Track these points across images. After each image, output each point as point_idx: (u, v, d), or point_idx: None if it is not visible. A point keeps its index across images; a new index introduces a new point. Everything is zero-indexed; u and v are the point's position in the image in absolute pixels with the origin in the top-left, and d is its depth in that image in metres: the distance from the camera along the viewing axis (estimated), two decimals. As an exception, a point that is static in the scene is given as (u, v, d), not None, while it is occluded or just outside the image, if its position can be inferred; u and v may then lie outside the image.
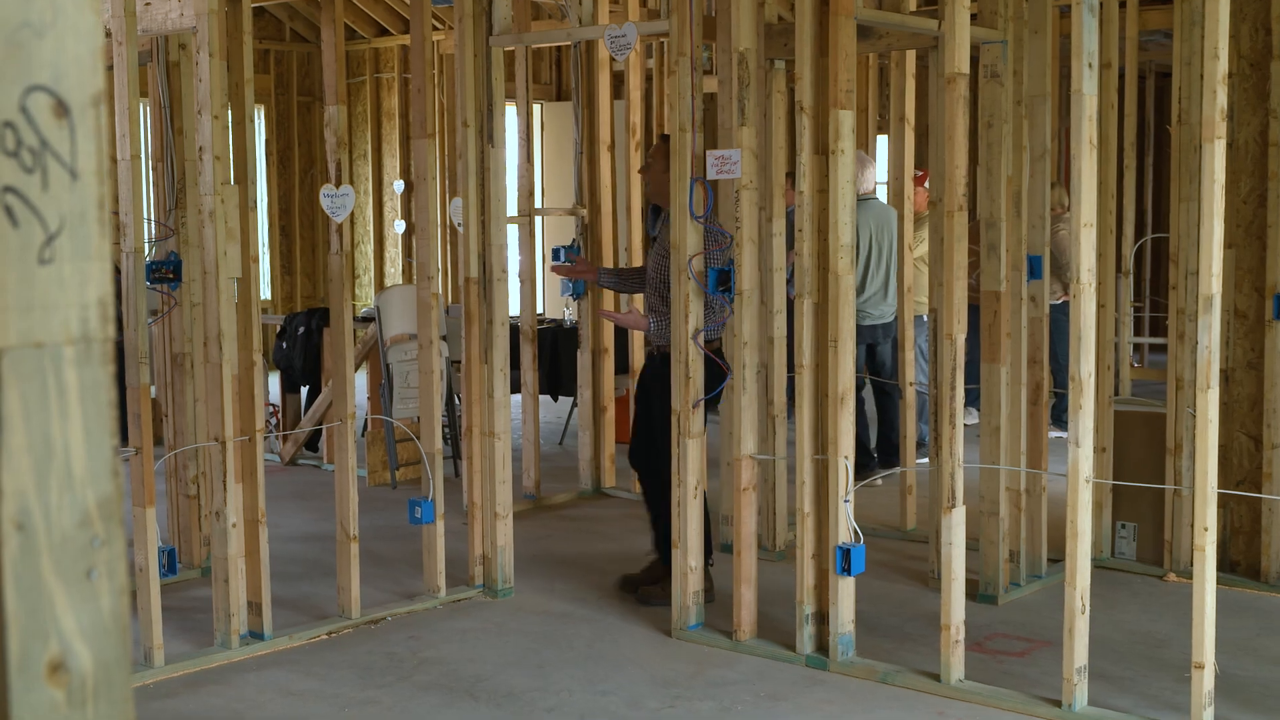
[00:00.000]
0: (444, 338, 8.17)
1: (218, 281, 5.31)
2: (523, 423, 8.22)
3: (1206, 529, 4.47)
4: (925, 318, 8.44)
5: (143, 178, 5.65)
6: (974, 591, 5.99)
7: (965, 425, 9.13)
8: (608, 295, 8.35)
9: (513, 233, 8.85)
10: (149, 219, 6.39)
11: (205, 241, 5.35)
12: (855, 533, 5.17)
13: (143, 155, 5.82)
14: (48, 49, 0.95)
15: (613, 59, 7.73)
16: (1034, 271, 6.19)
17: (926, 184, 8.44)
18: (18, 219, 0.95)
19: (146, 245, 6.19)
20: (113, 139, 5.37)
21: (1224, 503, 6.21)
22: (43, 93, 0.95)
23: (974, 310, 6.94)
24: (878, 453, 8.45)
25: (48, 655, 0.97)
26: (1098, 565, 6.40)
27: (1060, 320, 9.20)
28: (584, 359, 8.27)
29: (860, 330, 8.27)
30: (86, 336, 0.97)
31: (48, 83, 0.95)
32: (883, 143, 12.15)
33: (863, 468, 8.20)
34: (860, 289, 8.26)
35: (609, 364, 8.31)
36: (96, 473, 0.97)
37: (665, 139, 5.95)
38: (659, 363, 5.91)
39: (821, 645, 5.32)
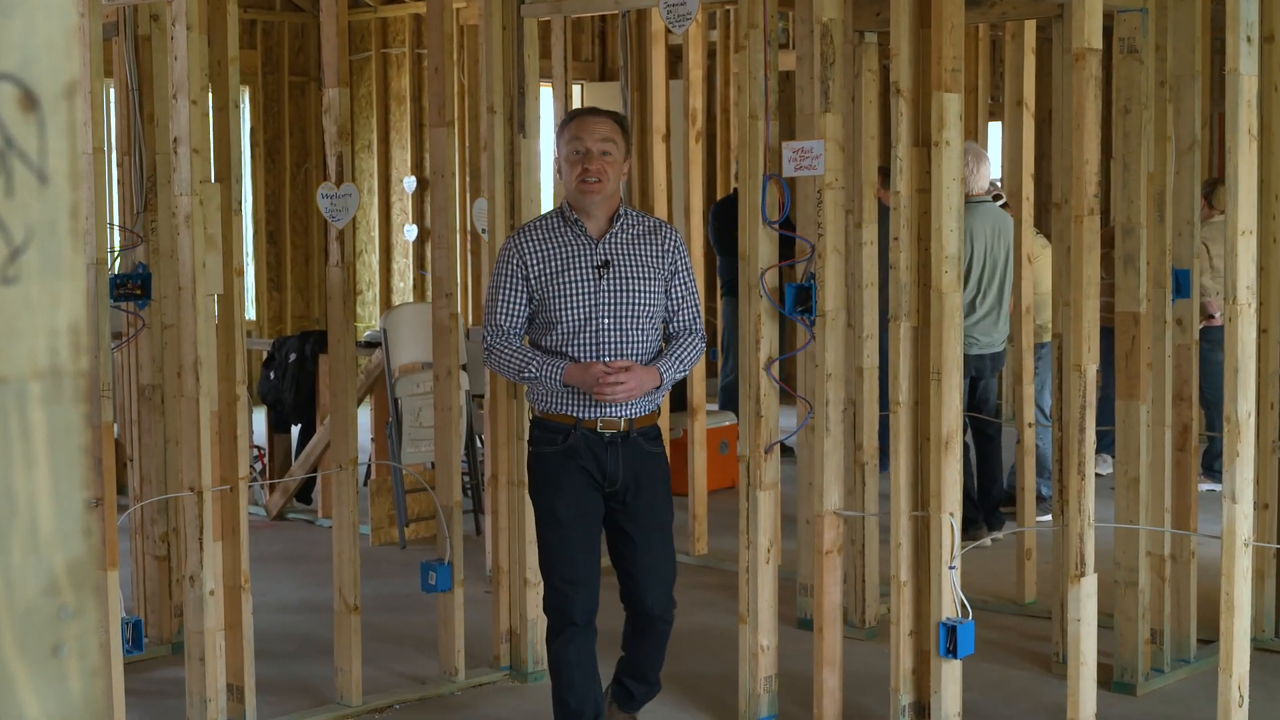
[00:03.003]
0: (464, 367, 8.21)
1: (194, 299, 5.36)
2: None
3: (1394, 604, 4.43)
4: (1040, 343, 8.40)
5: (106, 175, 5.72)
6: (1107, 678, 5.95)
7: (1097, 475, 9.07)
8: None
9: (547, 240, 8.89)
10: (113, 224, 6.46)
11: (180, 251, 5.40)
12: (962, 606, 5.15)
13: (106, 148, 5.89)
14: (15, 31, 0.96)
15: (669, 31, 7.76)
16: (1180, 289, 6.17)
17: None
18: (-23, 230, 0.96)
19: (110, 256, 6.25)
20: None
21: None
22: (8, 82, 0.97)
23: (1107, 335, 6.90)
24: (977, 508, 8.42)
25: (8, 747, 0.98)
26: (1258, 647, 6.34)
27: (1207, 349, 9.14)
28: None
29: (966, 360, 8.25)
30: (56, 369, 0.99)
31: (14, 70, 0.97)
32: (995, 131, 12.13)
33: (970, 524, 8.17)
34: (969, 311, 8.23)
35: (664, 400, 8.33)
36: (66, 531, 0.99)
37: None
38: (635, 442, 4.95)
39: (921, 742, 5.30)
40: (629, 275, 4.90)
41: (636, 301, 4.89)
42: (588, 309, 4.87)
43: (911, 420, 5.32)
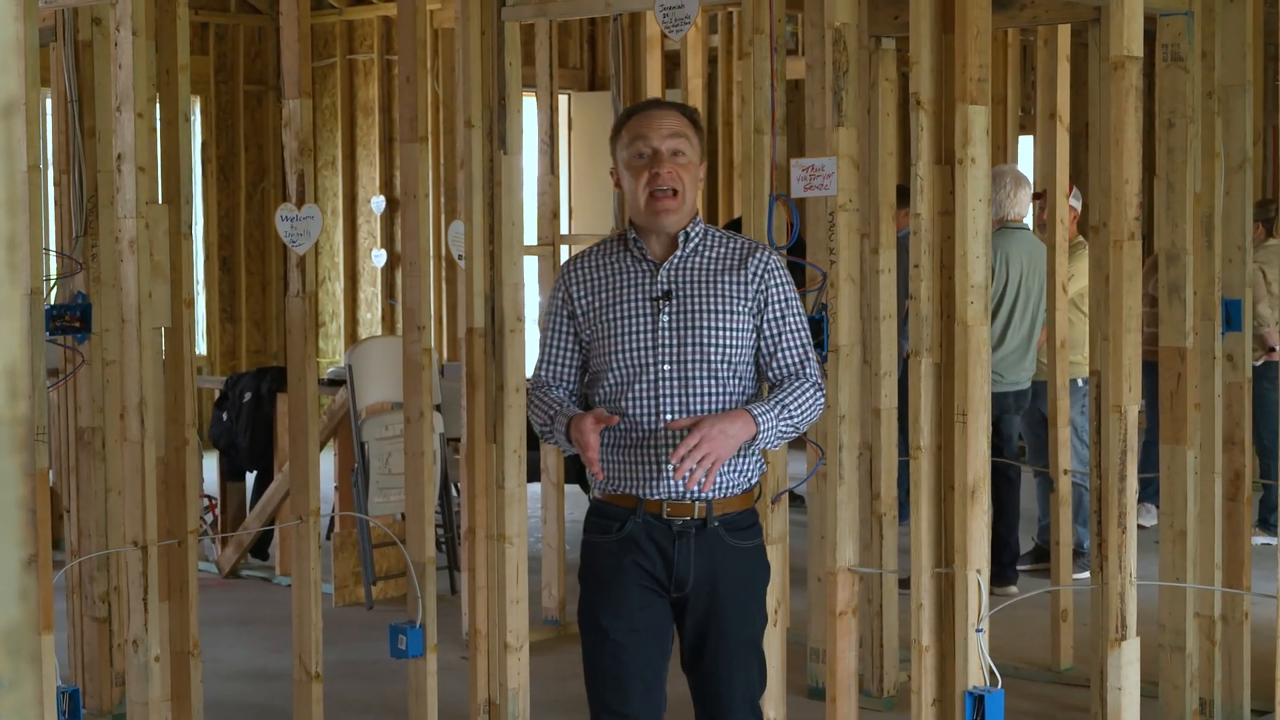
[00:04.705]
0: (438, 408, 8.21)
1: (139, 332, 5.37)
2: (543, 522, 8.23)
3: None
4: (1080, 382, 8.43)
5: (42, 195, 5.73)
6: (1152, 753, 5.95)
7: (1139, 528, 9.08)
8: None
9: (531, 267, 8.90)
10: (49, 250, 6.46)
11: (123, 279, 5.40)
12: (991, 673, 5.14)
13: (42, 166, 5.90)
14: (-54, 44, 0.97)
15: (665, 36, 7.79)
16: (1231, 321, 6.18)
17: (1072, 200, 8.47)
18: (-96, 263, 0.97)
19: (46, 285, 6.25)
20: None
21: None
22: (-61, 100, 0.97)
23: (1149, 370, 6.90)
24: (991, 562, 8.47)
25: (-65, 833, 0.98)
26: (1321, 719, 6.35)
27: (1266, 387, 9.15)
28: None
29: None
30: (-10, 415, 0.99)
31: (-54, 87, 0.97)
32: (1026, 146, 12.16)
33: (995, 577, 8.17)
34: (997, 343, 8.26)
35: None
36: (1, 594, 0.99)
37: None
38: (714, 534, 4.24)
39: (945, 825, 5.29)
40: (697, 309, 4.20)
41: (705, 343, 4.19)
42: (642, 352, 4.19)
43: (934, 467, 5.32)
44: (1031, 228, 8.60)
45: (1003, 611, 7.84)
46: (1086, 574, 8.10)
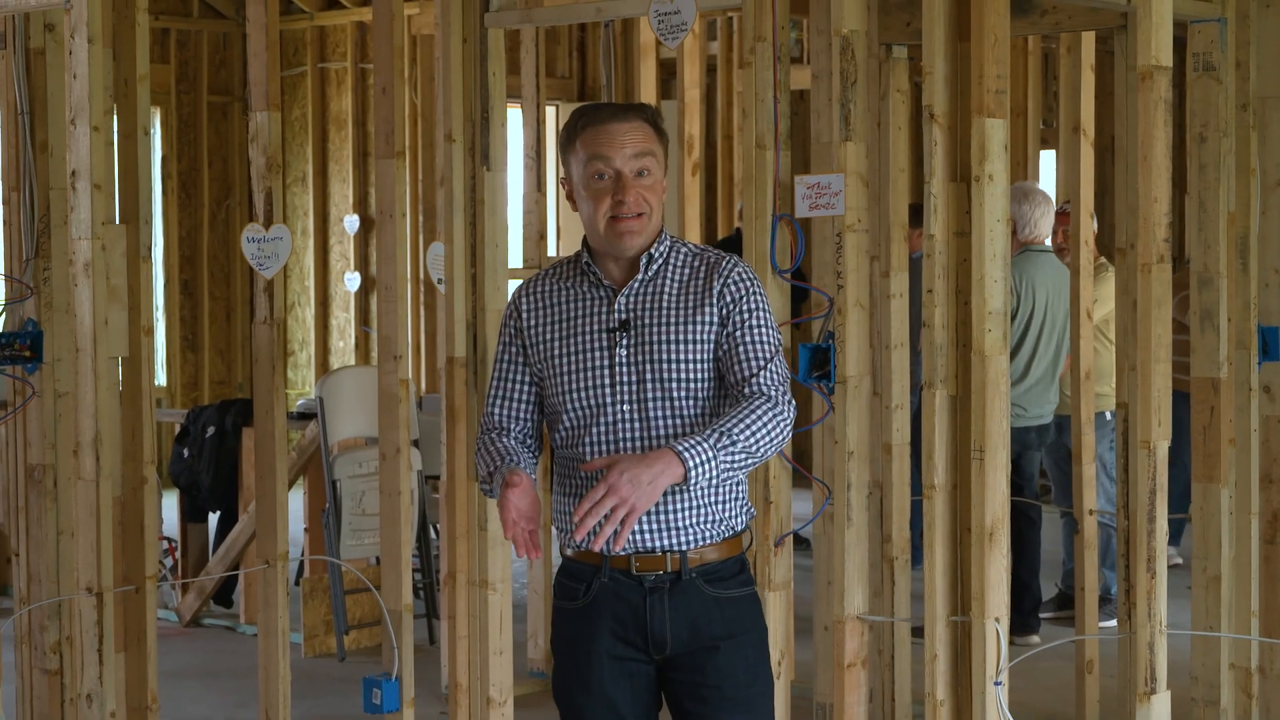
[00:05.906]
0: (415, 443, 8.19)
1: (94, 362, 5.36)
2: (528, 566, 8.22)
3: None
4: (1108, 415, 8.43)
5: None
6: (1185, 816, 5.94)
7: (1171, 567, 9.07)
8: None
9: (515, 292, 8.90)
10: (-3, 273, 6.46)
11: (77, 305, 5.40)
12: (1011, 729, 5.14)
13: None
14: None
15: (660, 44, 7.80)
16: (1268, 350, 6.18)
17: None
18: None
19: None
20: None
21: None
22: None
23: (1180, 402, 6.88)
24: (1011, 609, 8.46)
25: None
26: (1366, 778, 6.34)
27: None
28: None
29: (1011, 434, 8.28)
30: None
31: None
32: (1048, 161, 12.18)
33: (1018, 626, 8.17)
34: (1020, 375, 8.26)
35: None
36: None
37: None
38: (691, 586, 3.99)
39: None
40: (656, 340, 3.96)
41: (667, 378, 3.95)
42: (599, 391, 3.96)
43: (949, 507, 5.31)
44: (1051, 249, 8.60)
45: (1023, 663, 7.83)
46: (1113, 622, 8.10)
